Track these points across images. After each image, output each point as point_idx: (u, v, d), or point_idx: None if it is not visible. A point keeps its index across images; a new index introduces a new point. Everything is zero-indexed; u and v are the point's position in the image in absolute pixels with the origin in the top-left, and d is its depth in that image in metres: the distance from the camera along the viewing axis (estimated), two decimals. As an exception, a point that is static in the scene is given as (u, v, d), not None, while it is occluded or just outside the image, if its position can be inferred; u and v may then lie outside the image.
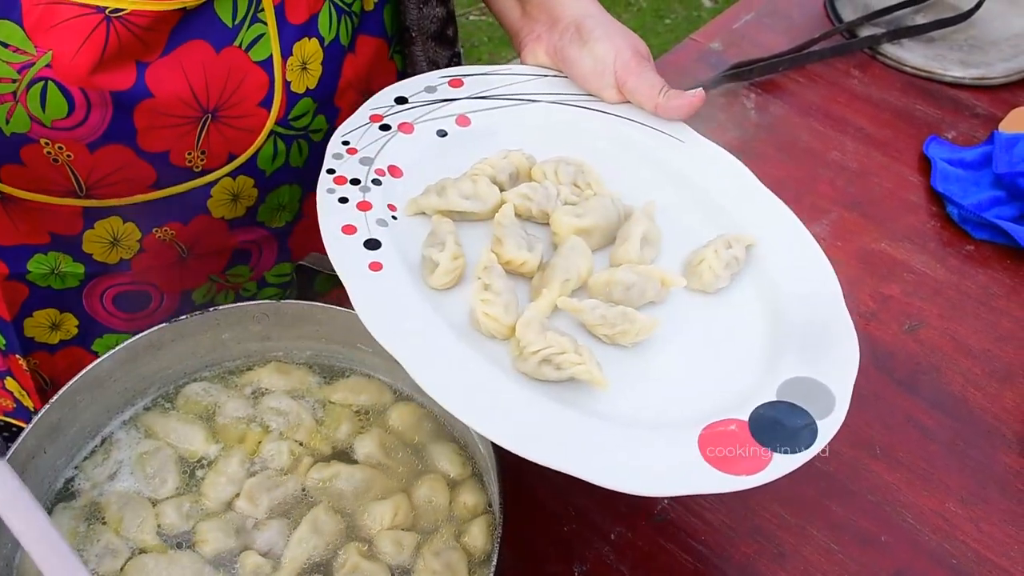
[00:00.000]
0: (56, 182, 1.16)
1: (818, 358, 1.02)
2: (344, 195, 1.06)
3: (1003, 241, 1.51)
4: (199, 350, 1.11)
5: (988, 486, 1.22)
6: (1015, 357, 1.36)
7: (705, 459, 0.91)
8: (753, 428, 0.95)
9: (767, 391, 0.99)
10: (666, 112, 1.23)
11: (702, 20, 4.18)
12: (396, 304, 0.97)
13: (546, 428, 0.91)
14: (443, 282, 1.02)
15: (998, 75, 1.80)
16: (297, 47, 1.19)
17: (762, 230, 1.15)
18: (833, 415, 0.97)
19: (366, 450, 1.07)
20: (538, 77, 1.29)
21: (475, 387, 0.93)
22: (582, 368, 0.94)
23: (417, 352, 0.93)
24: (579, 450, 0.90)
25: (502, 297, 0.99)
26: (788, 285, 1.10)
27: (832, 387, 0.99)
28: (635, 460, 0.91)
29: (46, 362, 1.37)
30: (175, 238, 1.28)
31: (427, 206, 1.08)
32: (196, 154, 1.18)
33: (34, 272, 1.26)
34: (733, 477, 0.90)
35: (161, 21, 1.08)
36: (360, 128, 1.14)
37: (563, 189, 1.14)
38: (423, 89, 1.22)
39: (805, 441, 0.94)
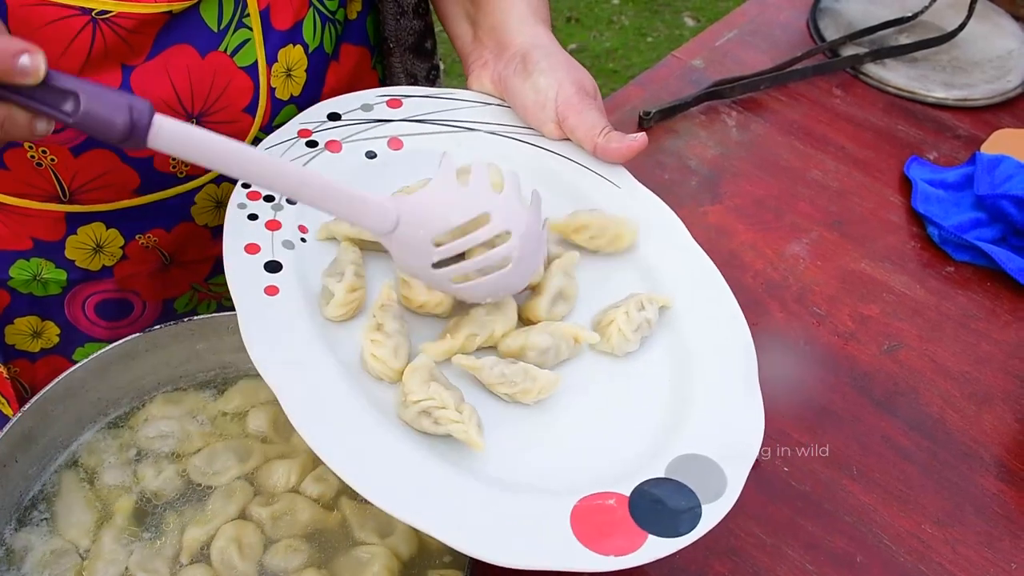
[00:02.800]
0: (39, 187, 1.15)
1: (717, 436, 0.99)
2: (255, 211, 1.03)
3: (983, 263, 1.51)
4: (173, 360, 1.11)
5: (965, 508, 1.21)
6: (993, 380, 1.36)
7: (574, 534, 0.88)
8: (633, 505, 0.91)
9: (656, 466, 0.95)
10: (605, 154, 1.19)
11: (684, 38, 4.18)
12: (285, 332, 0.95)
13: (415, 483, 0.88)
14: (338, 314, 0.99)
15: (981, 97, 1.80)
16: (282, 53, 1.19)
17: (683, 288, 1.12)
18: (722, 500, 0.93)
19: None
20: (480, 105, 1.26)
21: (347, 430, 0.90)
22: (459, 427, 0.92)
23: (295, 386, 0.90)
24: (446, 510, 0.87)
25: (392, 340, 0.97)
26: (700, 353, 1.07)
27: (727, 470, 0.96)
28: (503, 527, 0.87)
29: (27, 370, 1.36)
30: (158, 245, 1.27)
31: (338, 232, 1.06)
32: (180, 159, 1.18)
33: (16, 278, 1.25)
34: (600, 557, 0.86)
35: (147, 24, 1.07)
36: (286, 142, 1.12)
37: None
38: (359, 107, 1.20)
39: (686, 526, 0.90)
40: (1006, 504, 1.22)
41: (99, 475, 1.05)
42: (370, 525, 1.02)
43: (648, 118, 1.68)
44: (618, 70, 4.24)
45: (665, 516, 0.90)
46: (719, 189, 1.60)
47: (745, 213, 1.56)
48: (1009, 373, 1.37)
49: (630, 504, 0.91)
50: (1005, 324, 1.43)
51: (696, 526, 0.90)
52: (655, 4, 4.69)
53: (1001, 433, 1.29)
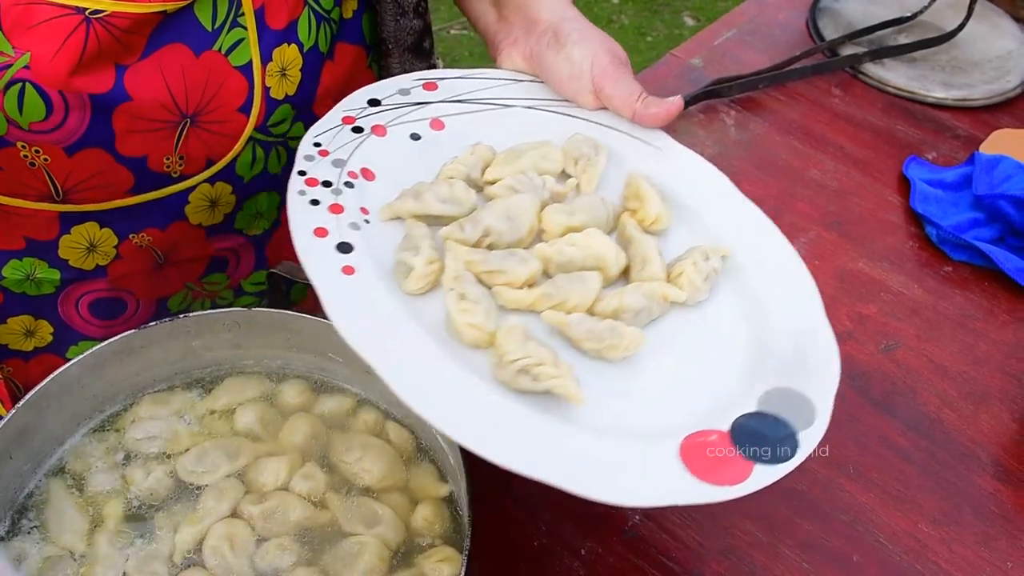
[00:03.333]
0: (32, 186, 1.14)
1: (798, 369, 1.01)
2: (316, 197, 1.04)
3: (981, 263, 1.50)
4: (169, 357, 1.10)
5: (962, 508, 1.21)
6: (991, 379, 1.35)
7: (686, 469, 0.90)
8: (734, 438, 0.94)
9: (748, 402, 0.98)
10: (643, 119, 1.22)
11: (683, 37, 4.19)
12: (370, 309, 0.95)
13: (524, 437, 0.90)
14: (418, 287, 1.00)
15: (980, 97, 1.80)
16: (277, 53, 1.19)
17: (740, 239, 1.14)
18: (814, 426, 0.96)
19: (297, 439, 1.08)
20: (514, 82, 1.28)
21: (451, 394, 0.91)
22: (558, 382, 0.93)
23: (392, 359, 0.90)
24: (557, 459, 0.88)
25: (481, 305, 0.98)
26: (767, 295, 1.09)
27: (812, 398, 0.98)
28: (614, 470, 0.89)
29: (20, 369, 1.36)
30: (152, 244, 1.27)
31: (403, 210, 1.07)
32: (174, 159, 1.17)
33: (9, 278, 1.25)
34: (714, 487, 0.89)
35: (141, 23, 1.07)
36: (332, 130, 1.12)
37: (548, 179, 1.13)
38: (396, 92, 1.21)
39: (786, 452, 0.93)
40: (1003, 504, 1.22)
41: (87, 480, 1.05)
42: (357, 516, 1.02)
43: (646, 117, 1.68)
44: (618, 70, 4.23)
45: (766, 446, 0.93)
46: (717, 188, 1.59)
47: (743, 212, 1.55)
48: (1007, 373, 1.36)
49: (732, 437, 0.94)
50: (1003, 324, 1.43)
51: (796, 452, 0.94)
52: (655, 4, 4.69)
53: (998, 433, 1.29)
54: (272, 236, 1.40)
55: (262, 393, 1.13)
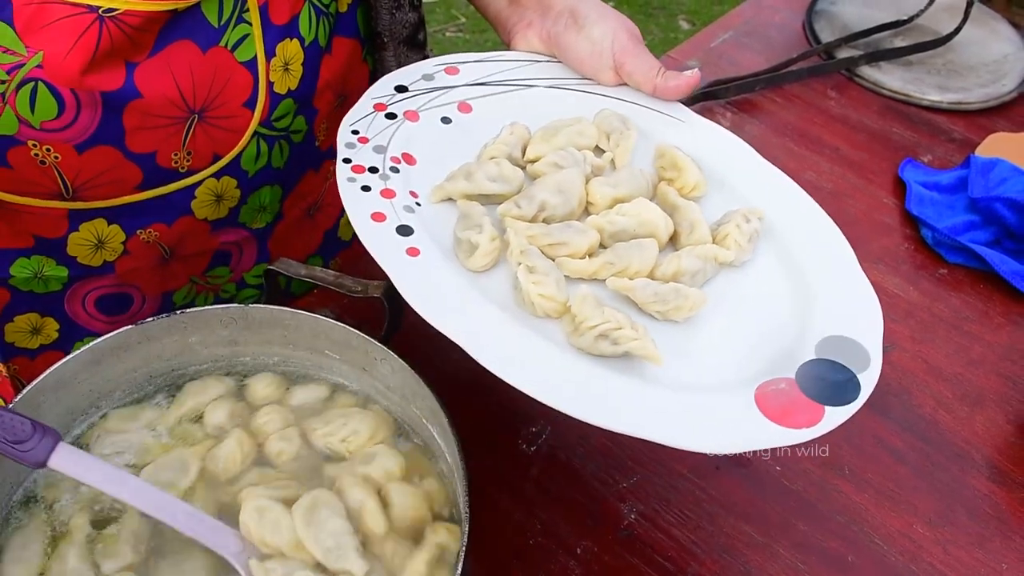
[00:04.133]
0: (42, 184, 1.15)
1: (845, 316, 1.07)
2: (366, 183, 1.06)
3: (976, 265, 1.51)
4: (165, 353, 1.10)
5: (956, 509, 1.21)
6: (986, 382, 1.36)
7: (765, 415, 0.95)
8: (801, 385, 0.99)
9: (807, 351, 1.03)
10: (664, 92, 1.26)
11: (678, 41, 4.19)
12: (442, 288, 0.98)
13: (610, 396, 0.94)
14: (483, 263, 1.03)
15: (975, 100, 1.80)
16: (280, 48, 1.19)
17: (770, 201, 1.19)
18: (870, 369, 1.02)
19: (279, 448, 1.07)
20: (532, 63, 1.31)
21: (535, 361, 0.94)
22: (638, 344, 0.97)
23: (474, 332, 0.94)
24: (644, 414, 0.93)
25: (551, 276, 1.01)
26: (804, 251, 1.15)
27: (864, 343, 1.04)
28: (697, 422, 0.94)
29: (25, 367, 1.36)
30: (159, 239, 1.27)
31: (454, 191, 1.10)
32: (182, 155, 1.18)
33: (17, 276, 1.25)
34: (792, 431, 0.94)
35: (152, 21, 1.08)
36: (367, 117, 1.14)
37: (588, 154, 1.17)
38: (421, 77, 1.23)
39: (851, 394, 0.99)
40: (997, 505, 1.22)
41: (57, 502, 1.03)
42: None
43: (643, 118, 1.68)
44: (613, 72, 4.23)
45: (831, 389, 0.99)
46: (713, 189, 1.60)
47: (739, 213, 1.56)
48: (1001, 375, 1.37)
49: (799, 384, 0.99)
50: (998, 326, 1.43)
51: (860, 393, 0.99)
52: (650, 7, 4.69)
53: (993, 435, 1.30)
54: (274, 229, 1.40)
55: (227, 390, 1.12)
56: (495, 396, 1.20)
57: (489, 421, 1.24)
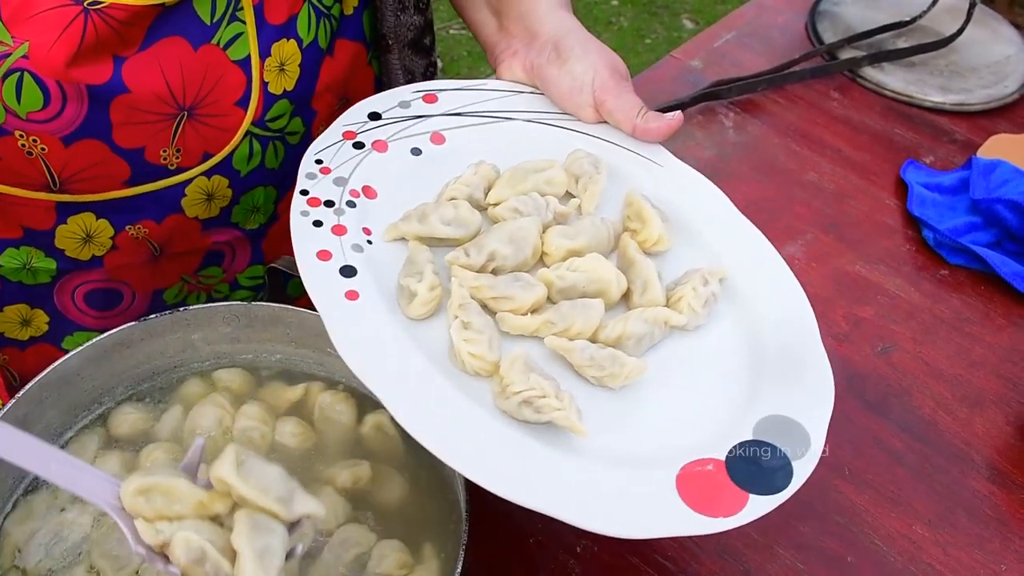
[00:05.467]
0: (30, 175, 1.15)
1: (793, 394, 1.02)
2: (319, 218, 1.04)
3: (978, 267, 1.51)
4: (168, 350, 1.10)
5: (956, 511, 1.22)
6: (986, 383, 1.36)
7: (682, 500, 0.91)
8: (730, 468, 0.94)
9: (744, 430, 0.98)
10: (644, 134, 1.22)
11: (682, 40, 4.18)
12: (374, 336, 0.96)
13: (524, 467, 0.91)
14: (421, 312, 1.00)
15: (978, 102, 1.80)
16: (276, 48, 1.19)
17: (737, 259, 1.15)
18: (808, 455, 0.96)
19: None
20: (514, 94, 1.27)
21: (454, 423, 0.92)
22: (560, 414, 0.93)
23: (395, 387, 0.91)
24: (557, 490, 0.89)
25: (484, 335, 0.98)
26: (763, 318, 1.10)
27: (807, 425, 0.99)
28: (613, 501, 0.90)
29: (15, 358, 1.36)
30: (148, 236, 1.27)
31: (407, 232, 1.07)
32: (171, 152, 1.18)
33: (5, 267, 1.25)
34: (708, 519, 0.89)
35: (139, 16, 1.07)
36: (333, 146, 1.13)
37: (551, 200, 1.13)
38: (397, 104, 1.21)
39: (781, 482, 0.94)
40: (997, 506, 1.22)
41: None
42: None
43: (645, 118, 1.68)
44: (615, 71, 4.23)
45: (761, 475, 0.94)
46: (715, 189, 1.60)
47: (741, 214, 1.56)
48: (1001, 376, 1.37)
49: (727, 467, 0.94)
50: (998, 328, 1.44)
51: (791, 482, 0.94)
52: (654, 6, 4.69)
53: (993, 436, 1.30)
54: (268, 231, 1.39)
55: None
56: (496, 395, 1.21)
57: (490, 420, 1.24)
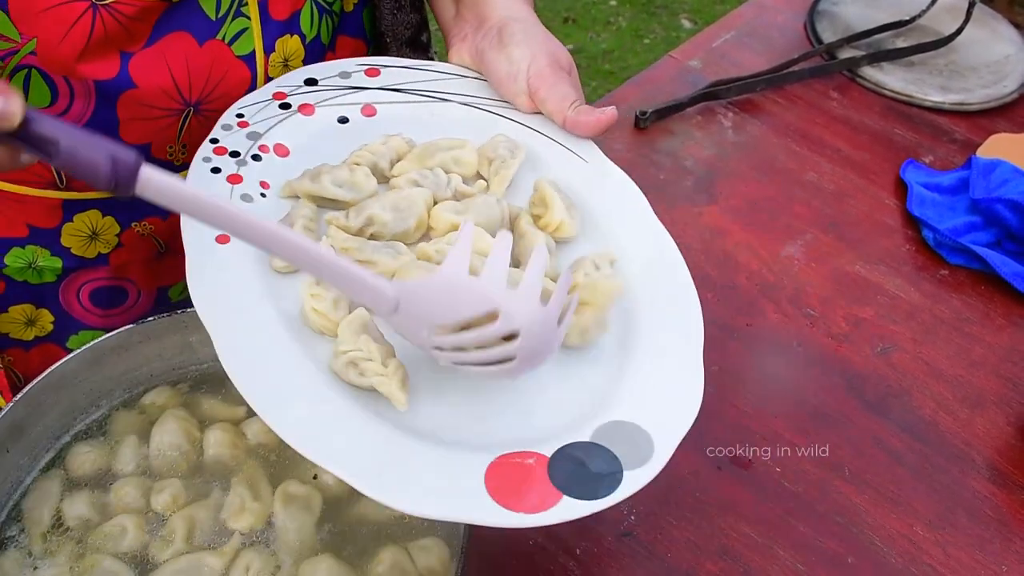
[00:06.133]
0: (36, 173, 1.15)
1: (654, 405, 0.97)
2: (218, 165, 1.03)
3: (978, 267, 1.51)
4: (166, 353, 1.10)
5: (956, 511, 1.21)
6: (986, 383, 1.36)
7: (486, 488, 0.86)
8: (553, 466, 0.89)
9: (584, 430, 0.93)
10: (574, 127, 1.18)
11: (680, 40, 4.19)
12: (230, 282, 0.94)
13: (334, 428, 0.87)
14: (283, 265, 0.98)
15: (977, 101, 1.80)
16: (280, 43, 1.19)
17: (640, 263, 1.10)
18: (646, 467, 0.90)
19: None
20: (457, 77, 1.26)
21: (276, 376, 0.89)
22: (382, 380, 0.90)
23: (232, 334, 0.89)
24: (360, 456, 0.85)
25: (332, 292, 0.96)
26: (648, 321, 1.05)
27: (656, 438, 0.93)
28: (418, 478, 0.86)
29: (20, 359, 1.36)
30: (154, 233, 1.27)
31: (300, 189, 1.05)
32: (177, 147, 1.18)
33: (11, 266, 1.25)
34: (508, 512, 0.84)
35: (147, 11, 1.08)
36: (259, 103, 1.12)
37: (455, 178, 1.11)
38: (337, 74, 1.19)
39: (604, 490, 0.88)
40: (997, 507, 1.22)
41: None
42: None
43: (644, 118, 1.68)
44: (614, 71, 4.24)
45: (584, 479, 0.88)
46: (714, 190, 1.60)
47: (740, 214, 1.56)
48: (1001, 377, 1.37)
49: (549, 465, 0.89)
50: (998, 328, 1.43)
51: (615, 490, 0.88)
52: (652, 6, 4.69)
53: (993, 436, 1.30)
54: None
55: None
56: (495, 396, 1.20)
57: (489, 421, 1.23)
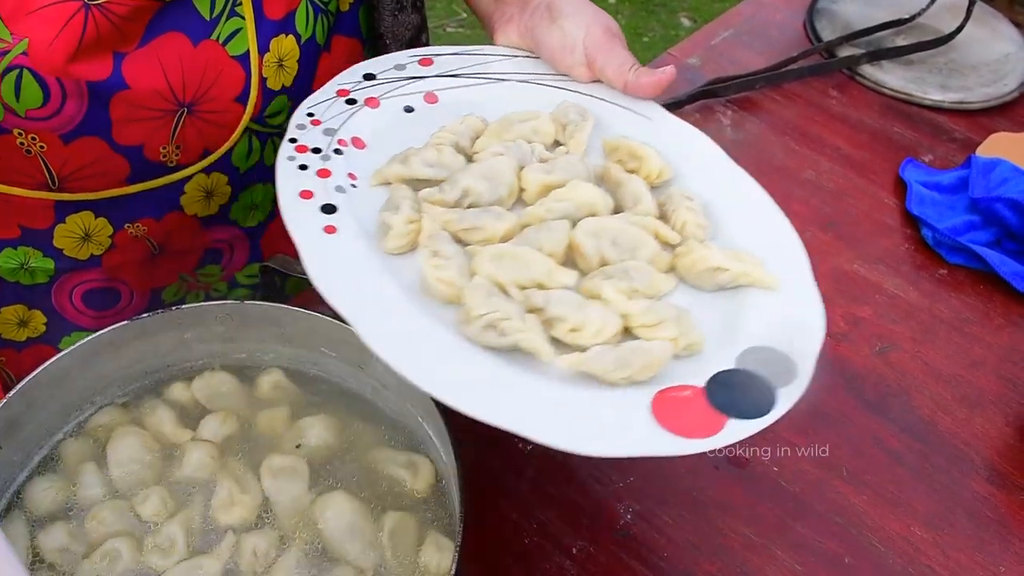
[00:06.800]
0: (28, 174, 1.14)
1: (781, 327, 1.01)
2: (304, 163, 1.05)
3: (977, 266, 1.50)
4: (161, 350, 1.10)
5: (955, 512, 1.21)
6: (986, 383, 1.35)
7: (656, 421, 0.89)
8: (709, 394, 0.93)
9: (726, 359, 0.97)
10: (635, 90, 1.22)
11: (679, 38, 4.18)
12: (348, 267, 0.96)
13: (493, 387, 0.90)
14: (397, 245, 1.00)
15: (977, 100, 1.80)
16: (274, 43, 1.19)
17: (728, 199, 1.16)
18: (795, 384, 0.95)
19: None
20: (509, 58, 1.28)
21: (422, 346, 0.91)
22: (525, 336, 0.93)
23: (365, 313, 0.91)
24: (525, 409, 0.88)
25: (453, 261, 0.98)
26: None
27: (794, 357, 0.98)
28: (583, 421, 0.89)
29: (13, 359, 1.36)
30: (147, 234, 1.26)
31: (390, 175, 1.08)
32: (171, 148, 1.17)
33: (3, 267, 1.25)
34: (683, 439, 0.88)
35: (140, 11, 1.07)
36: (326, 102, 1.13)
37: (536, 147, 1.14)
38: (392, 67, 1.21)
39: (764, 408, 0.92)
40: (997, 507, 1.22)
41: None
42: None
43: (643, 115, 1.68)
44: (613, 69, 4.22)
45: (743, 402, 0.92)
46: (713, 188, 1.59)
47: (739, 212, 1.55)
48: (1001, 377, 1.36)
49: (707, 393, 0.93)
50: (998, 328, 1.43)
51: (774, 407, 0.92)
52: (651, 4, 4.68)
53: (992, 437, 1.29)
54: (267, 228, 1.39)
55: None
56: (492, 395, 1.20)
57: (485, 420, 1.23)
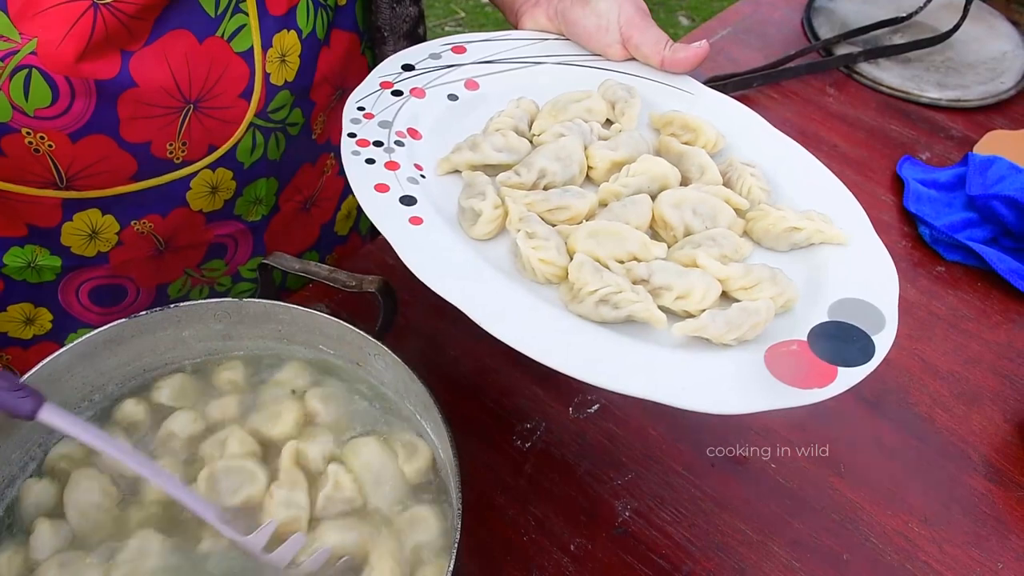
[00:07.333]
0: (36, 173, 1.14)
1: (859, 279, 1.06)
2: (370, 156, 1.05)
3: (974, 263, 1.50)
4: (159, 347, 1.10)
5: (952, 508, 1.21)
6: (983, 380, 1.35)
7: (774, 376, 0.93)
8: (813, 346, 0.96)
9: (819, 313, 1.01)
10: (672, 65, 1.25)
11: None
12: (443, 255, 0.97)
13: (614, 357, 0.92)
14: (486, 231, 1.02)
15: (974, 98, 1.80)
16: (277, 39, 1.19)
17: (782, 166, 1.19)
18: (885, 330, 0.99)
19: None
20: (540, 41, 1.30)
21: (535, 323, 0.93)
22: (640, 306, 0.95)
23: (472, 295, 0.92)
24: (652, 376, 0.91)
25: (551, 241, 0.99)
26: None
27: (878, 305, 1.02)
28: (709, 384, 0.91)
29: (19, 358, 1.36)
30: (153, 231, 1.27)
31: (460, 162, 1.09)
32: (177, 145, 1.18)
33: (10, 265, 1.25)
34: (804, 391, 0.92)
35: (147, 9, 1.08)
36: (372, 94, 1.14)
37: (594, 126, 1.16)
38: (428, 56, 1.22)
39: (865, 355, 0.96)
40: (994, 504, 1.22)
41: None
42: None
43: (641, 113, 1.68)
44: (612, 68, 4.22)
45: (845, 350, 0.96)
46: (711, 186, 1.59)
47: (736, 210, 1.55)
48: (998, 373, 1.36)
49: (811, 346, 0.97)
50: (995, 324, 1.43)
51: (875, 353, 0.97)
52: (650, 3, 4.63)
53: (990, 433, 1.29)
54: (270, 222, 1.40)
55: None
56: (490, 392, 1.20)
57: (483, 417, 1.23)
